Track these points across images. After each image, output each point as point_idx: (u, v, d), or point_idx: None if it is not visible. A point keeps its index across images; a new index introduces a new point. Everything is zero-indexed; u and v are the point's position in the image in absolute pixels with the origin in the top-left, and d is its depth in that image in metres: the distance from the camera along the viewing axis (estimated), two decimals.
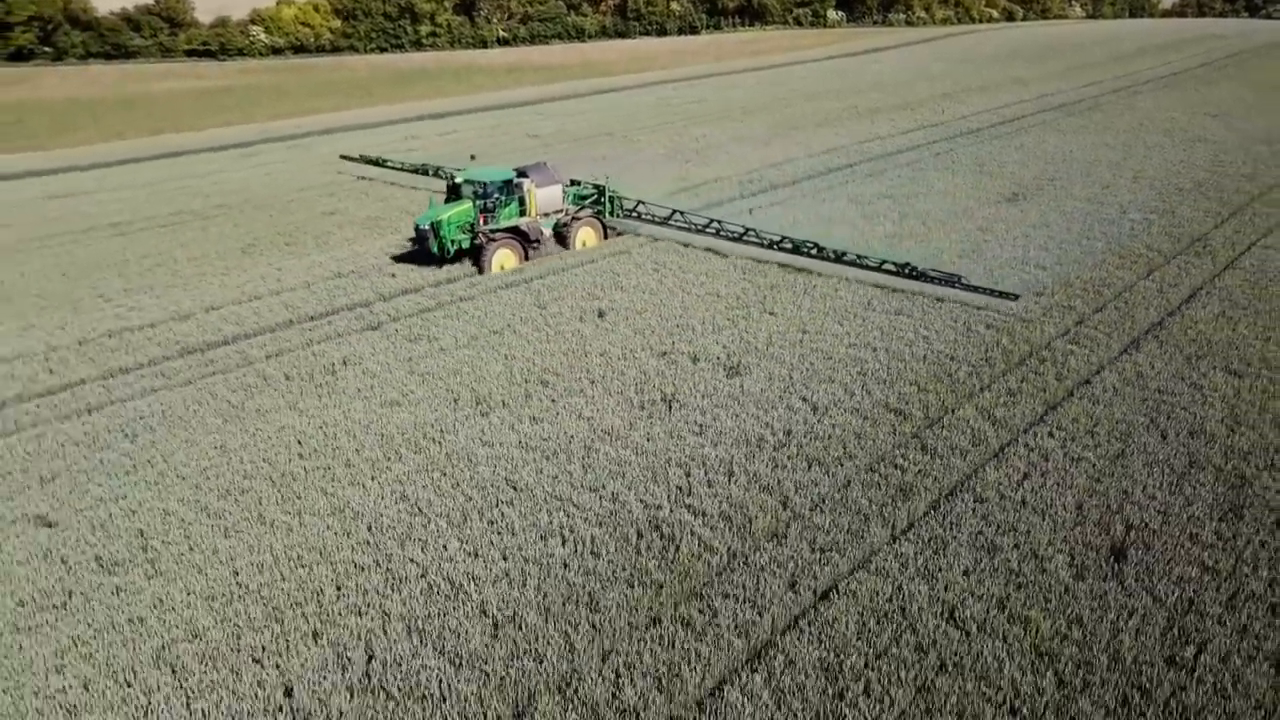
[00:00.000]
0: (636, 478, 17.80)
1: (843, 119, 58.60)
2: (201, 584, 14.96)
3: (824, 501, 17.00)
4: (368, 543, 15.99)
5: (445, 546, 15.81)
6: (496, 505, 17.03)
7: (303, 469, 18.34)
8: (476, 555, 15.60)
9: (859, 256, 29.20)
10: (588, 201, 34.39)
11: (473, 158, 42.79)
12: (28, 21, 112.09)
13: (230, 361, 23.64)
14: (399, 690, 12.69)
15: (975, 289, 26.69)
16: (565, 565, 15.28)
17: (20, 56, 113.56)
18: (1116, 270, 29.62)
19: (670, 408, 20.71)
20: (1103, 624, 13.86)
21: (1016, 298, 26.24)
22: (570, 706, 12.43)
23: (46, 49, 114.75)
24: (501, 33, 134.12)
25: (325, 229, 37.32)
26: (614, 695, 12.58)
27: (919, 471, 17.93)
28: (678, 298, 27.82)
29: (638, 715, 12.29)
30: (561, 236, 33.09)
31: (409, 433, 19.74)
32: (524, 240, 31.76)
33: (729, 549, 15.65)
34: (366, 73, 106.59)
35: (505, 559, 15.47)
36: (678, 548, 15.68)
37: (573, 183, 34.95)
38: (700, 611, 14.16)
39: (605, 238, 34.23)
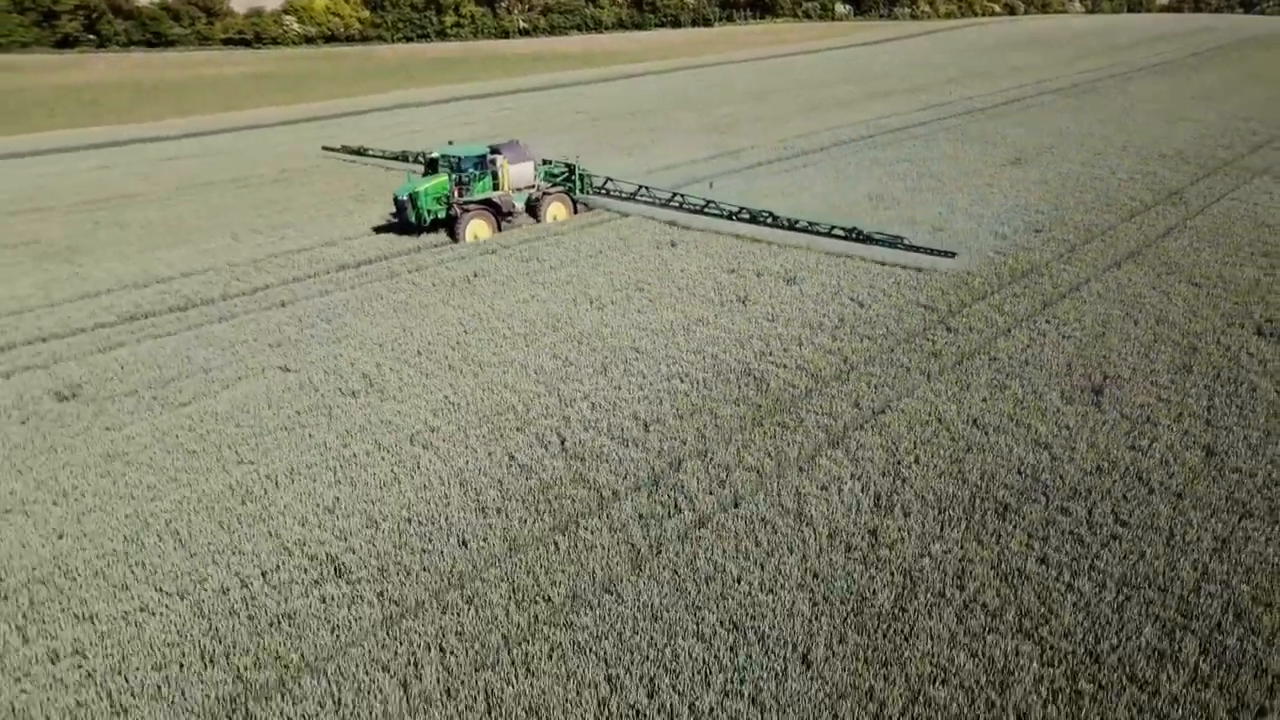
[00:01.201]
0: (728, 346, 23.25)
1: (857, 101, 63.96)
2: (424, 403, 20.40)
3: (874, 359, 22.45)
4: (537, 381, 21.44)
5: (596, 384, 21.26)
6: (626, 362, 22.48)
7: (470, 340, 23.79)
8: (620, 389, 21.04)
9: (810, 224, 31.67)
10: (559, 179, 36.78)
11: (451, 143, 45.64)
12: (74, 10, 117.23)
13: (381, 273, 29.07)
14: (589, 456, 18.14)
15: (916, 249, 29.30)
16: (686, 394, 20.72)
17: (66, 43, 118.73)
18: (1104, 214, 35.06)
19: (745, 304, 26.16)
20: (1084, 428, 19.31)
21: (954, 255, 28.95)
22: (709, 467, 17.86)
23: (90, 36, 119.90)
24: (522, 24, 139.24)
25: None
26: (738, 461, 18.03)
27: (945, 343, 23.39)
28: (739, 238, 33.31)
29: (758, 471, 17.73)
30: (533, 209, 35.33)
31: (544, 319, 25.19)
32: (496, 212, 33.77)
33: (805, 386, 21.09)
34: (396, 60, 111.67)
35: (642, 390, 20.92)
36: (767, 385, 21.12)
37: (545, 162, 37.12)
38: (791, 419, 19.61)
39: (575, 212, 36.57)
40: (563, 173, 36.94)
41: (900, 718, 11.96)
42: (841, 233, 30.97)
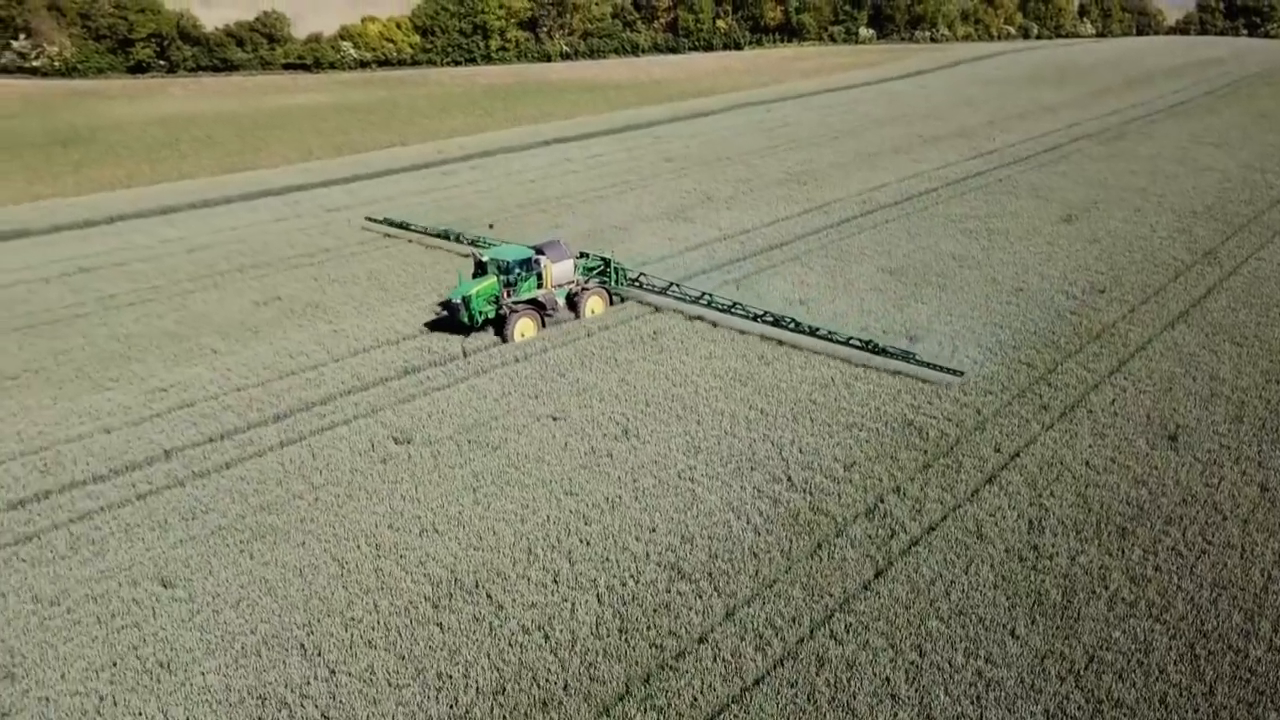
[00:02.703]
0: (895, 392, 30.18)
1: (913, 146, 70.86)
2: (674, 446, 27.30)
3: (1000, 411, 29.36)
4: (749, 428, 28.30)
5: (795, 430, 28.14)
6: (809, 412, 29.37)
7: (681, 392, 30.67)
8: (814, 435, 27.90)
9: (830, 332, 34.07)
10: (595, 272, 38.60)
11: (491, 226, 47.61)
12: (147, 38, 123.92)
13: (580, 333, 35.95)
14: (814, 490, 25.01)
15: (925, 364, 31.59)
16: (868, 440, 27.60)
17: (139, 69, 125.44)
18: (1153, 274, 41.98)
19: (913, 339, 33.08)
20: (1168, 468, 26.18)
21: (961, 374, 31.08)
22: (904, 500, 24.74)
23: (161, 62, 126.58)
24: (564, 48, 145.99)
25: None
26: (924, 494, 24.93)
27: (1050, 397, 30.26)
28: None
29: (941, 503, 24.62)
30: (573, 304, 37.17)
31: (730, 374, 32.10)
32: (541, 310, 35.81)
33: (956, 435, 27.99)
34: (458, 87, 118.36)
35: (832, 435, 27.80)
36: (927, 434, 28.06)
37: (581, 254, 38.92)
38: (952, 462, 26.53)
39: (611, 304, 38.35)
40: (598, 265, 38.77)
41: (1084, 670, 18.89)
42: (858, 343, 33.36)
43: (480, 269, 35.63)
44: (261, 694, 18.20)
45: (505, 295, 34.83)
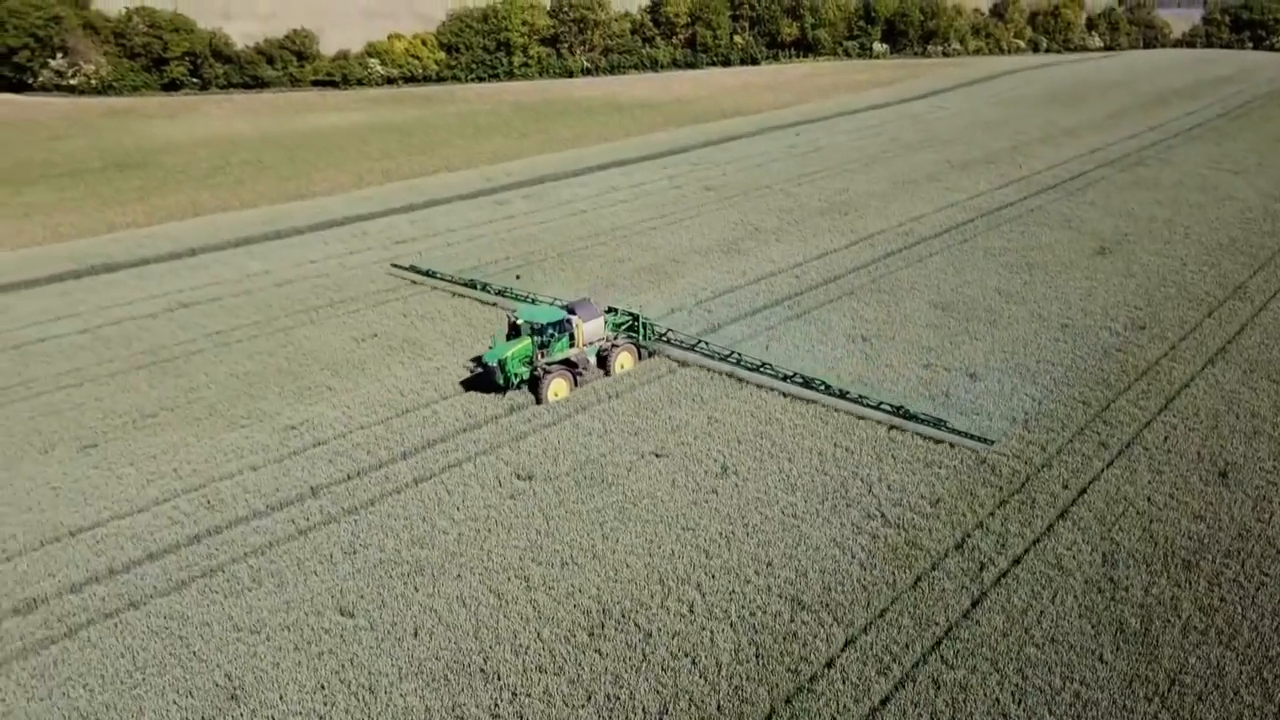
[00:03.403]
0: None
1: (943, 174, 73.68)
2: (772, 483, 30.03)
3: (1062, 449, 32.15)
4: (820, 470, 31.07)
5: (875, 471, 30.91)
6: (878, 467, 32.14)
7: (774, 427, 33.42)
8: (901, 473, 30.70)
9: (860, 396, 34.83)
10: (623, 328, 39.16)
11: (518, 277, 48.79)
12: (181, 56, 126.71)
13: (650, 376, 38.71)
14: (906, 526, 27.79)
15: (955, 432, 32.37)
16: (946, 479, 30.40)
17: (172, 86, 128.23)
18: (1189, 311, 44.77)
19: (973, 380, 35.87)
20: (1222, 504, 28.98)
21: (991, 443, 31.80)
22: (987, 536, 27.54)
23: (194, 80, 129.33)
24: (585, 63, 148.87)
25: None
26: (1005, 529, 27.73)
27: (1107, 435, 33.01)
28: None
29: (1022, 537, 27.40)
30: (603, 361, 37.62)
31: (812, 412, 34.85)
32: (573, 369, 36.30)
33: (1026, 472, 30.79)
34: (485, 104, 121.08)
35: (915, 474, 30.58)
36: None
37: (609, 310, 39.48)
38: (1026, 498, 29.34)
39: (640, 359, 38.96)
40: (626, 321, 39.30)
41: (1168, 692, 21.70)
42: (889, 408, 33.98)
43: (514, 330, 36.30)
44: (459, 715, 20.98)
45: (539, 356, 35.41)
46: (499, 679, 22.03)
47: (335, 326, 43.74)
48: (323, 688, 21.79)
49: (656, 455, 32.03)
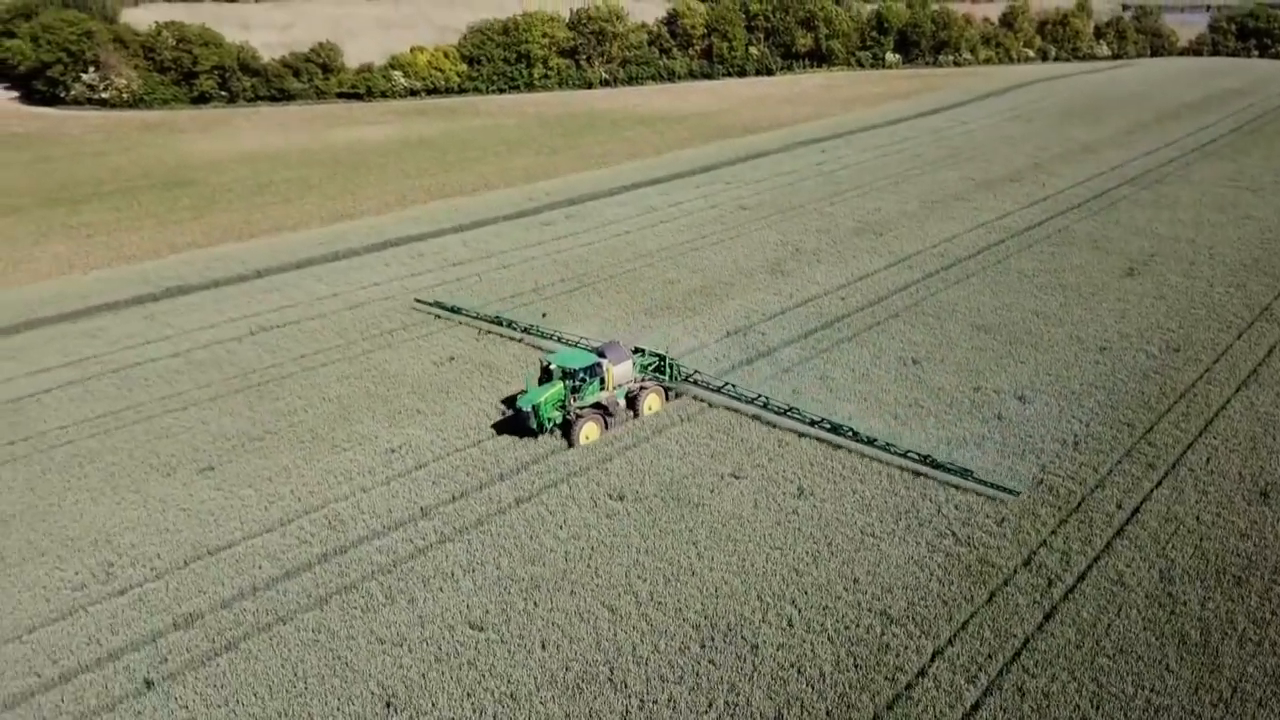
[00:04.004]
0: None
1: (970, 194, 76.03)
2: (849, 504, 32.38)
3: (1113, 470, 34.52)
4: (890, 491, 33.45)
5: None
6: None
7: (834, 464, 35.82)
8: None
9: (887, 444, 35.23)
10: (651, 369, 39.79)
11: (544, 315, 49.17)
12: (210, 70, 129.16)
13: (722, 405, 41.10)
14: (977, 545, 30.17)
15: (982, 482, 33.03)
16: (998, 520, 32.80)
17: (201, 99, 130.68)
18: (1220, 332, 47.13)
19: (1024, 402, 38.25)
20: (1266, 522, 31.39)
21: (1018, 494, 32.58)
22: (1050, 556, 29.93)
23: (223, 93, 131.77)
24: (603, 75, 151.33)
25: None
26: (1080, 551, 30.11)
27: (1154, 455, 35.37)
28: None
29: (1100, 560, 29.79)
30: (632, 402, 38.24)
31: (877, 431, 37.23)
32: (604, 413, 36.97)
33: (1080, 495, 33.17)
34: (508, 116, 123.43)
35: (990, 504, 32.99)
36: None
37: (636, 350, 40.02)
38: (1083, 519, 31.73)
39: (667, 399, 39.55)
40: (653, 362, 39.96)
41: (1231, 698, 24.07)
42: (916, 457, 34.62)
43: (546, 374, 37.04)
44: None
45: (571, 400, 35.98)
46: (626, 688, 24.42)
47: (413, 350, 46.10)
48: (469, 695, 24.16)
49: (735, 477, 34.40)
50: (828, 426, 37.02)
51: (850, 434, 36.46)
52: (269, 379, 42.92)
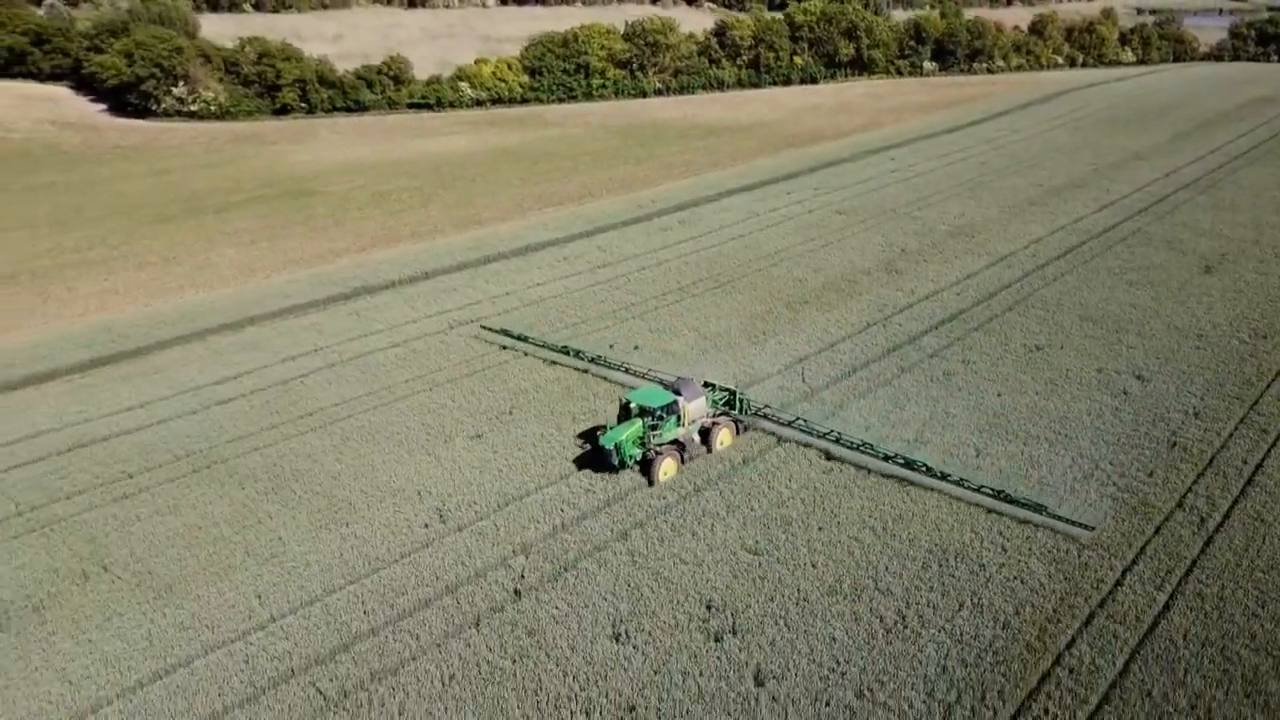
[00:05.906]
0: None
1: (1043, 199, 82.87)
2: (952, 516, 39.19)
3: (1188, 479, 41.30)
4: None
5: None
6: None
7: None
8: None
9: (960, 479, 36.11)
10: (722, 403, 40.94)
11: (611, 346, 51.11)
12: (292, 83, 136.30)
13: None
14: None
15: (1056, 517, 34.25)
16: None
17: (283, 111, 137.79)
18: None
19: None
20: None
21: (1092, 529, 33.87)
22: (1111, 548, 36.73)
23: (303, 104, 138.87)
24: (657, 84, 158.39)
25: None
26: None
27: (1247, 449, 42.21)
28: None
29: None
30: (704, 436, 39.48)
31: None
32: (681, 449, 38.30)
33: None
34: (574, 126, 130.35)
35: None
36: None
37: (706, 384, 41.14)
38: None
39: (738, 434, 40.66)
40: (724, 396, 41.12)
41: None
42: (990, 492, 35.36)
43: (625, 412, 38.47)
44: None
45: (650, 437, 37.43)
46: (893, 594, 31.23)
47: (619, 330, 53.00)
48: (771, 599, 31.01)
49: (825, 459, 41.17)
50: (901, 462, 37.64)
51: (924, 469, 37.16)
52: (489, 365, 49.76)
